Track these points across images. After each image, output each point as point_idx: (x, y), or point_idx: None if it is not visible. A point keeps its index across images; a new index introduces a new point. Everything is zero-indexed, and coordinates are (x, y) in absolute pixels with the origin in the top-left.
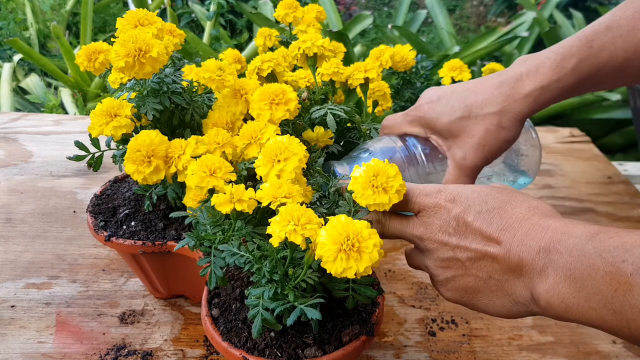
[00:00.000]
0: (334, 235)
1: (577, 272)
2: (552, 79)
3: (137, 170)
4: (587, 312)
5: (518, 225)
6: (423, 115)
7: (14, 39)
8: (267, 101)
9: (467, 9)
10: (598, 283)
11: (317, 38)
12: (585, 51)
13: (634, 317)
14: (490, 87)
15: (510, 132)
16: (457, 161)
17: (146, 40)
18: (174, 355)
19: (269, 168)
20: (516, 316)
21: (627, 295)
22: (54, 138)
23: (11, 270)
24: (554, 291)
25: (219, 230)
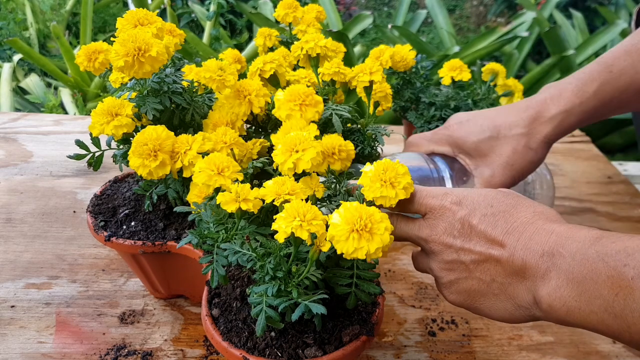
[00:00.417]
0: (347, 217)
1: (580, 276)
2: (575, 103)
3: (142, 164)
4: (589, 316)
5: (523, 229)
6: (451, 134)
7: (14, 39)
8: (297, 102)
9: (467, 9)
10: (600, 287)
11: (319, 38)
12: (606, 75)
13: (634, 321)
14: (517, 110)
15: (537, 153)
16: (484, 179)
17: (146, 39)
18: (174, 355)
19: (287, 157)
20: (519, 321)
21: (628, 300)
22: (54, 138)
23: (11, 270)
24: (556, 294)
25: (222, 228)
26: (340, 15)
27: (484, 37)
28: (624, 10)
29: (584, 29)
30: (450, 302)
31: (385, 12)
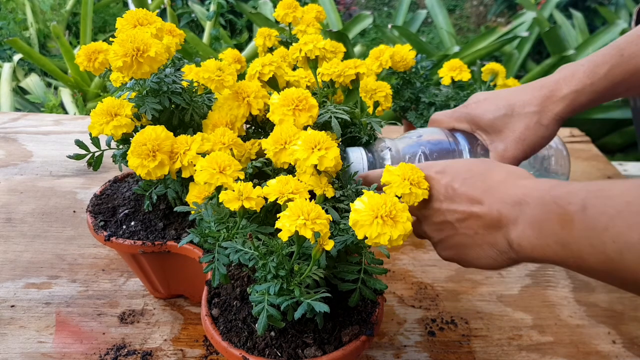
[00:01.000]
0: (372, 203)
1: (539, 218)
2: (586, 84)
3: (141, 164)
4: (546, 250)
5: (497, 186)
6: (470, 112)
7: (14, 39)
8: (290, 107)
9: (467, 9)
10: (552, 224)
11: (318, 40)
12: (617, 59)
13: (578, 247)
14: (531, 90)
15: (548, 129)
16: (498, 152)
17: (144, 39)
18: (173, 355)
19: (309, 153)
20: (502, 265)
21: (571, 231)
22: (54, 138)
23: (11, 270)
24: (523, 235)
25: (224, 227)
26: (340, 15)
27: (484, 37)
28: (624, 10)
29: (584, 29)
30: (443, 258)
31: (385, 12)
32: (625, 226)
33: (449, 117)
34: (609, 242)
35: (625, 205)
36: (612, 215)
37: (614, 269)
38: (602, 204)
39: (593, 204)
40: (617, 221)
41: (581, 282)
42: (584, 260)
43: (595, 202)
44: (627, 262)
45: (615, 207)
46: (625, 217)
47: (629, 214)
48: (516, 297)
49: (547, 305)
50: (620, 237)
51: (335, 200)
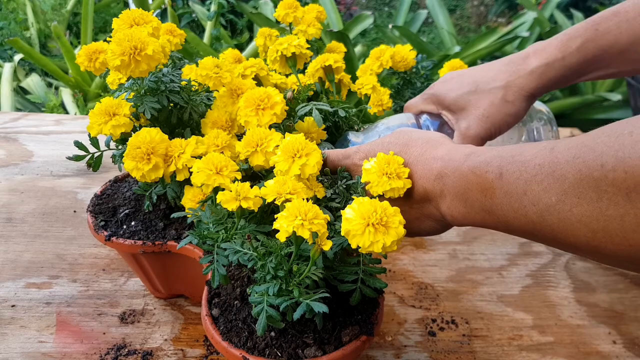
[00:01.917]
0: (362, 211)
1: (461, 189)
2: (557, 57)
3: (136, 167)
4: (475, 217)
5: (416, 161)
6: (435, 92)
7: (15, 39)
8: (252, 107)
9: (467, 9)
10: (475, 194)
11: (293, 39)
12: (591, 33)
13: (502, 213)
14: (499, 65)
15: (515, 105)
16: (461, 131)
17: (141, 38)
18: (174, 355)
19: (290, 163)
20: (444, 230)
21: (493, 198)
22: (55, 138)
23: (11, 270)
24: (452, 207)
25: (222, 228)
26: (340, 15)
27: (484, 37)
28: None
29: None
30: None
31: (386, 12)
32: (542, 189)
33: (417, 100)
34: (529, 205)
35: (539, 168)
36: (528, 179)
37: (537, 230)
38: (517, 169)
39: (508, 170)
40: (533, 185)
41: (582, 282)
42: (510, 224)
43: (510, 167)
44: (548, 223)
45: (529, 171)
46: (539, 181)
47: (544, 176)
48: (516, 297)
49: (547, 306)
50: (539, 201)
51: (327, 199)
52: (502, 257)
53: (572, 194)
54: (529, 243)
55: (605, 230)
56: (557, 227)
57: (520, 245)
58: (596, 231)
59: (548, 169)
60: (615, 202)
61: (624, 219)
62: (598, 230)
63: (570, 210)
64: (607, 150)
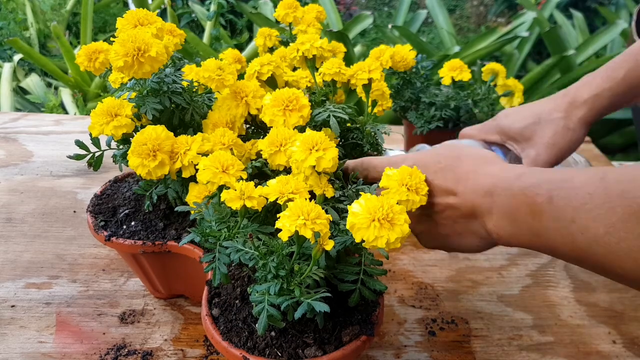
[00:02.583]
0: (369, 206)
1: (510, 209)
2: (605, 88)
3: (141, 163)
4: (521, 239)
5: (467, 176)
6: (499, 124)
7: (14, 39)
8: (280, 107)
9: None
10: (523, 214)
11: (315, 39)
12: (632, 63)
13: (549, 237)
14: (555, 98)
15: (576, 133)
16: (531, 158)
17: (145, 39)
18: (174, 355)
19: (307, 154)
20: (485, 248)
21: (541, 221)
22: (54, 138)
23: (11, 270)
24: (499, 225)
25: (225, 227)
26: (340, 15)
27: (484, 37)
28: (624, 10)
29: (584, 29)
30: (428, 248)
31: (386, 12)
32: (591, 219)
33: (478, 130)
34: (578, 234)
35: (588, 197)
36: (577, 207)
37: (584, 257)
38: (567, 195)
39: (558, 195)
40: (581, 213)
41: (581, 282)
42: (557, 248)
43: (560, 193)
44: (595, 252)
45: (578, 199)
46: (589, 209)
47: (593, 206)
48: (516, 297)
49: (547, 305)
50: (587, 230)
51: (336, 200)
52: (502, 257)
53: (620, 228)
54: None
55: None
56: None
57: None
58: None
59: (598, 200)
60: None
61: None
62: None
63: (618, 243)
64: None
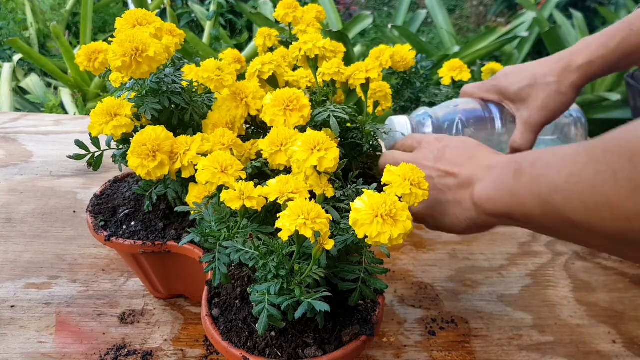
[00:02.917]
0: (372, 202)
1: (500, 176)
2: (598, 55)
3: (141, 164)
4: (499, 202)
5: (478, 156)
6: (497, 84)
7: (14, 39)
8: (281, 107)
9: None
10: (507, 177)
11: (318, 39)
12: (627, 32)
13: (523, 194)
14: (550, 62)
15: (567, 96)
16: (524, 120)
17: (143, 39)
18: (174, 355)
19: (309, 154)
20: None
21: (520, 180)
22: (54, 138)
23: (11, 270)
24: (483, 189)
25: (224, 227)
26: (340, 15)
27: (484, 37)
28: (624, 10)
29: (584, 29)
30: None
31: (385, 12)
32: (557, 172)
33: (479, 89)
34: (544, 186)
35: (562, 156)
36: (551, 164)
37: (546, 210)
38: (548, 157)
39: (541, 158)
40: (552, 169)
41: (581, 282)
42: (525, 205)
43: (543, 156)
44: (554, 202)
45: (555, 159)
46: (557, 164)
47: (561, 161)
48: (516, 297)
49: (547, 305)
50: (552, 181)
51: (336, 200)
52: (501, 257)
53: (577, 175)
54: (529, 243)
55: (597, 206)
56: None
57: (520, 245)
58: (589, 207)
59: (569, 156)
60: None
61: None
62: (591, 206)
63: (571, 188)
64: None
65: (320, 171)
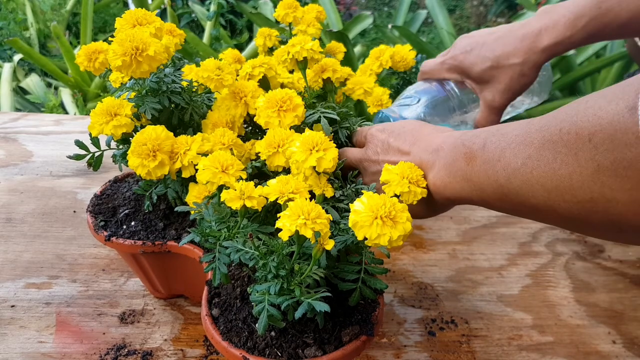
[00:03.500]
0: (371, 204)
1: (450, 160)
2: (566, 36)
3: (141, 164)
4: (455, 186)
5: (422, 139)
6: (459, 64)
7: (14, 39)
8: (274, 108)
9: (467, 9)
10: (460, 163)
11: (306, 41)
12: (595, 11)
13: (479, 179)
14: (514, 40)
15: (530, 78)
16: (487, 102)
17: (143, 39)
18: (174, 355)
19: (307, 155)
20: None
21: (474, 166)
22: (54, 138)
23: (11, 270)
24: (437, 176)
25: (225, 227)
26: (340, 15)
27: None
28: None
29: None
30: None
31: (386, 12)
32: (512, 155)
33: (439, 68)
34: (501, 170)
35: (514, 138)
36: (504, 147)
37: (505, 194)
38: (497, 139)
39: (491, 141)
40: (506, 152)
41: (581, 282)
42: (484, 190)
43: (492, 139)
44: (514, 186)
45: (506, 140)
46: (512, 148)
47: (516, 144)
48: (516, 297)
49: (547, 305)
50: (508, 165)
51: (335, 200)
52: (501, 257)
53: (534, 157)
54: (529, 243)
55: (558, 189)
56: (520, 189)
57: (520, 245)
58: (550, 190)
59: (521, 137)
60: (566, 162)
61: (572, 177)
62: (552, 190)
63: (531, 172)
64: (566, 117)
65: (319, 171)
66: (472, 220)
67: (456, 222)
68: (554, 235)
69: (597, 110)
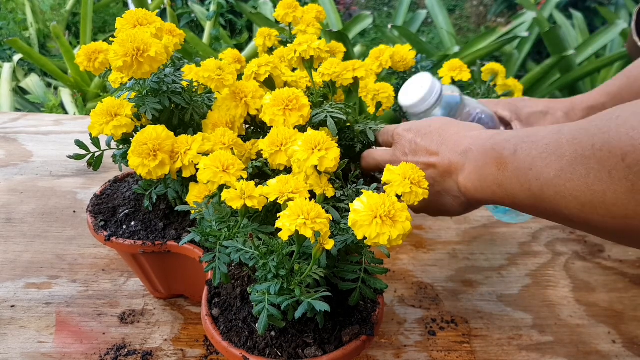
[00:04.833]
0: (371, 203)
1: (480, 163)
2: (600, 102)
3: (142, 163)
4: (486, 190)
5: (450, 139)
6: (514, 103)
7: (14, 39)
8: (280, 107)
9: (467, 9)
10: (490, 167)
11: (313, 40)
12: (625, 81)
13: (511, 186)
14: (563, 101)
15: None
16: None
17: (144, 39)
18: (174, 355)
19: (309, 154)
20: (458, 209)
21: (505, 172)
22: (54, 138)
23: (11, 270)
24: (468, 179)
25: (225, 227)
26: (340, 15)
27: (484, 37)
28: (624, 11)
29: (584, 29)
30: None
31: (385, 12)
32: (544, 165)
33: (495, 104)
34: (533, 180)
35: (545, 147)
36: (535, 156)
37: (538, 203)
38: (528, 147)
39: (522, 148)
40: (538, 162)
41: (581, 282)
42: (516, 197)
43: (523, 146)
44: (547, 196)
45: (537, 149)
46: (544, 158)
47: (547, 154)
48: (516, 297)
49: (547, 305)
50: (541, 176)
51: (336, 200)
52: (501, 256)
53: (567, 171)
54: (529, 243)
55: (592, 204)
56: (554, 200)
57: (520, 245)
58: (584, 204)
59: (552, 147)
60: (599, 178)
61: (605, 193)
62: (586, 204)
63: (564, 184)
64: (598, 132)
65: (321, 171)
66: (472, 220)
67: (456, 222)
68: (553, 235)
69: (629, 130)
